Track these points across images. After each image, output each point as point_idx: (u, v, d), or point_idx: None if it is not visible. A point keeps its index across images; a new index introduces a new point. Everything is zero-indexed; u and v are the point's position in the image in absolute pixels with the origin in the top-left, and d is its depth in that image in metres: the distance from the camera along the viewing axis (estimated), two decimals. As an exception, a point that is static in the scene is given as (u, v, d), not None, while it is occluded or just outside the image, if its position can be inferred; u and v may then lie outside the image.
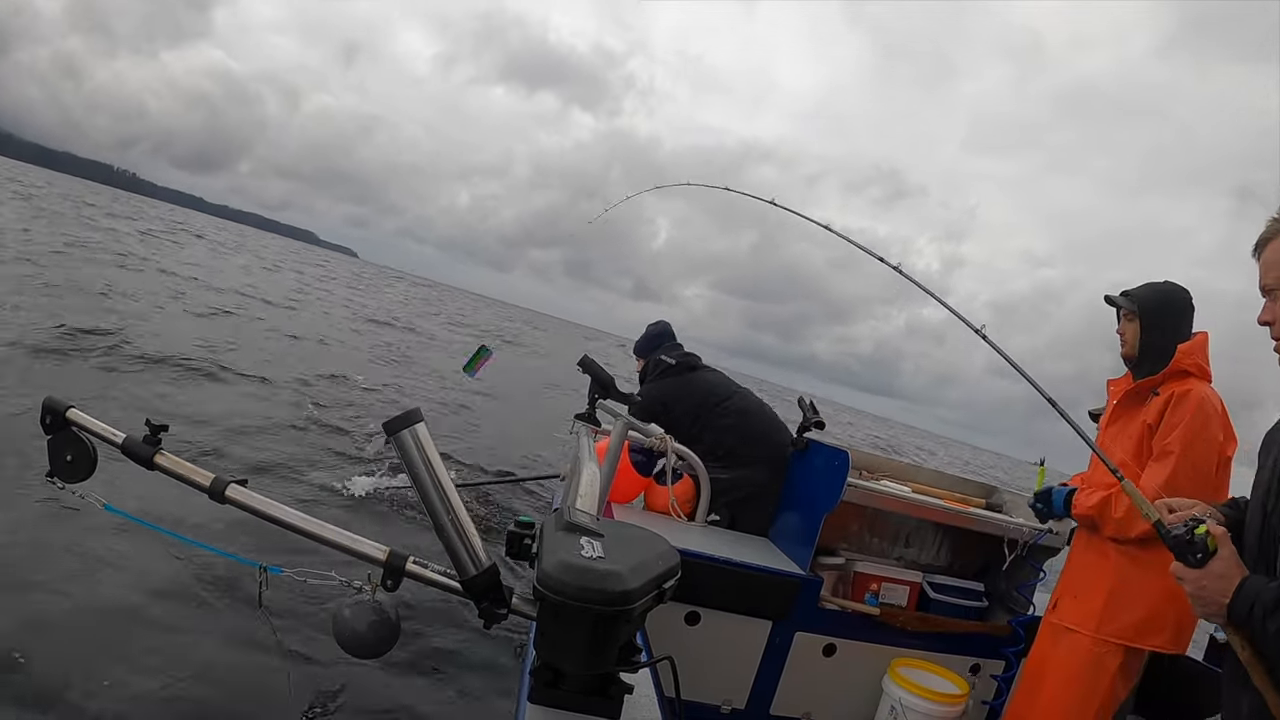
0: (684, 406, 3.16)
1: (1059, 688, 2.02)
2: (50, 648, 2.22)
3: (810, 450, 2.60)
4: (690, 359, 3.35)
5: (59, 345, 5.79)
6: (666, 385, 3.25)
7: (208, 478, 1.16)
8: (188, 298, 10.98)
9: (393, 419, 1.08)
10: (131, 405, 4.83)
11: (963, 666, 2.48)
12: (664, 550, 1.10)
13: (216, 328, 9.14)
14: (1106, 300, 2.08)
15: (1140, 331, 2.00)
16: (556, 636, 0.99)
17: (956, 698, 2.23)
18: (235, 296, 13.04)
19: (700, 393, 3.19)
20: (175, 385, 5.78)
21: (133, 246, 17.15)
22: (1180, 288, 2.02)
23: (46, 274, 9.03)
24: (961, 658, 2.50)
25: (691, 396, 3.19)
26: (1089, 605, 1.99)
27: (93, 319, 6.87)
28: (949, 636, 2.48)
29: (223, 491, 1.15)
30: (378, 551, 1.13)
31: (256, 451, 4.67)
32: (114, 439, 1.19)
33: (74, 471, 1.21)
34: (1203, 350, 1.98)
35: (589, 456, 1.90)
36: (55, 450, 1.20)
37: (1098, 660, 1.96)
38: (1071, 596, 2.06)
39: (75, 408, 1.21)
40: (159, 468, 1.17)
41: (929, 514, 2.57)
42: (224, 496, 1.15)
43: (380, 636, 1.11)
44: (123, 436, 1.19)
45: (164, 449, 1.18)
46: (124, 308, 8.34)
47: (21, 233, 12.96)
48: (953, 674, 2.34)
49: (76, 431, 1.20)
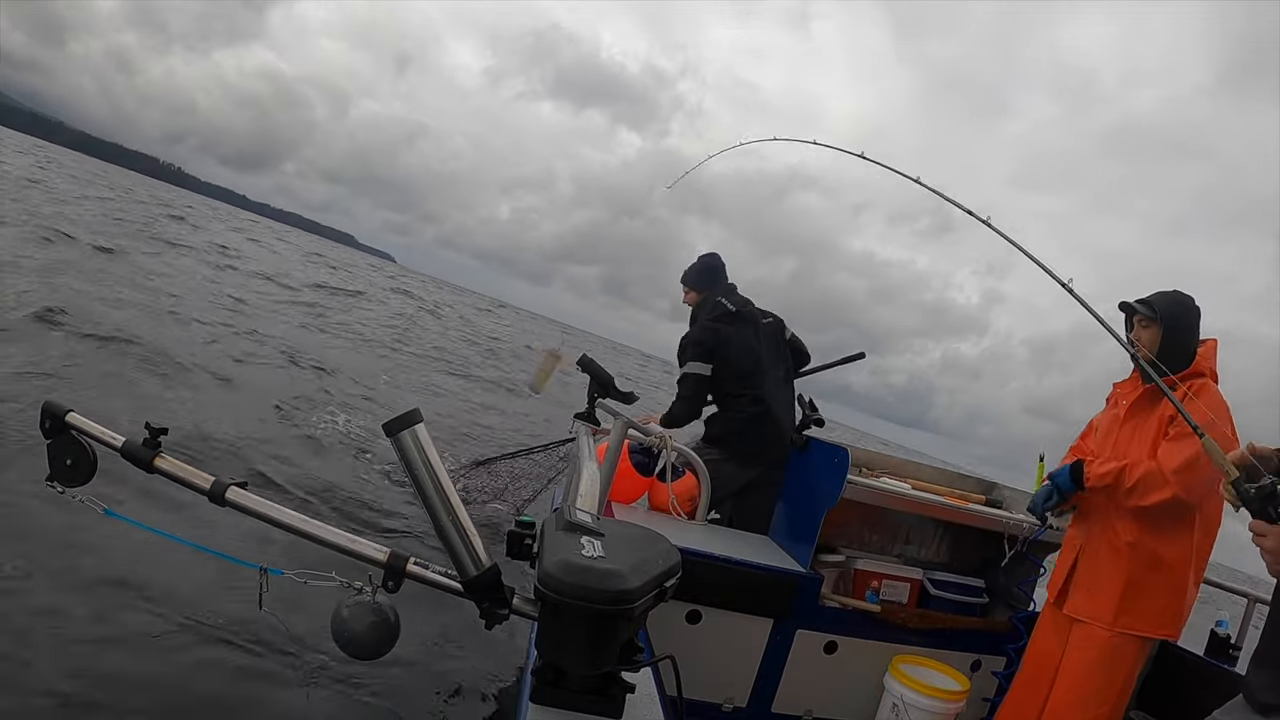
0: (733, 368, 3.15)
1: (1076, 680, 2.04)
2: (49, 649, 2.22)
3: (810, 447, 2.60)
4: (751, 311, 3.27)
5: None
6: (731, 334, 3.18)
7: (208, 480, 1.16)
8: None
9: (392, 420, 1.08)
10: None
11: (963, 663, 2.49)
12: (665, 549, 1.10)
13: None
14: (1122, 306, 2.13)
15: (1161, 336, 2.05)
16: (558, 636, 0.99)
17: (958, 694, 2.24)
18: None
19: (749, 360, 3.16)
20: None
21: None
22: (1188, 295, 2.09)
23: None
24: (962, 654, 2.50)
25: (743, 359, 3.16)
26: (1104, 598, 2.02)
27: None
28: (950, 633, 2.48)
29: (223, 494, 1.15)
30: (378, 552, 1.13)
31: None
32: (113, 442, 1.19)
33: (74, 476, 1.21)
34: (1215, 355, 2.07)
35: (589, 456, 1.90)
36: (55, 454, 1.20)
37: (1115, 652, 2.00)
38: (1084, 590, 2.09)
39: (75, 411, 1.21)
40: (159, 471, 1.17)
41: (929, 510, 2.58)
42: (224, 499, 1.15)
43: (380, 637, 1.11)
44: (122, 440, 1.19)
45: (163, 452, 1.18)
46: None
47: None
48: (954, 670, 2.34)
49: (76, 435, 1.20)
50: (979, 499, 2.79)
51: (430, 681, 2.63)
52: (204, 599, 2.66)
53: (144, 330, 6.40)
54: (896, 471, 2.81)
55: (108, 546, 2.83)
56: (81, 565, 2.70)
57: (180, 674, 2.29)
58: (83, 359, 5.08)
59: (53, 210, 13.26)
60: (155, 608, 2.58)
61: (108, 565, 2.74)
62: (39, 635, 2.27)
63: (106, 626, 2.41)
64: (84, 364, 4.99)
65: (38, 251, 8.57)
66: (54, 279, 7.19)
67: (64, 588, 2.55)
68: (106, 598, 2.57)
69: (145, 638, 2.41)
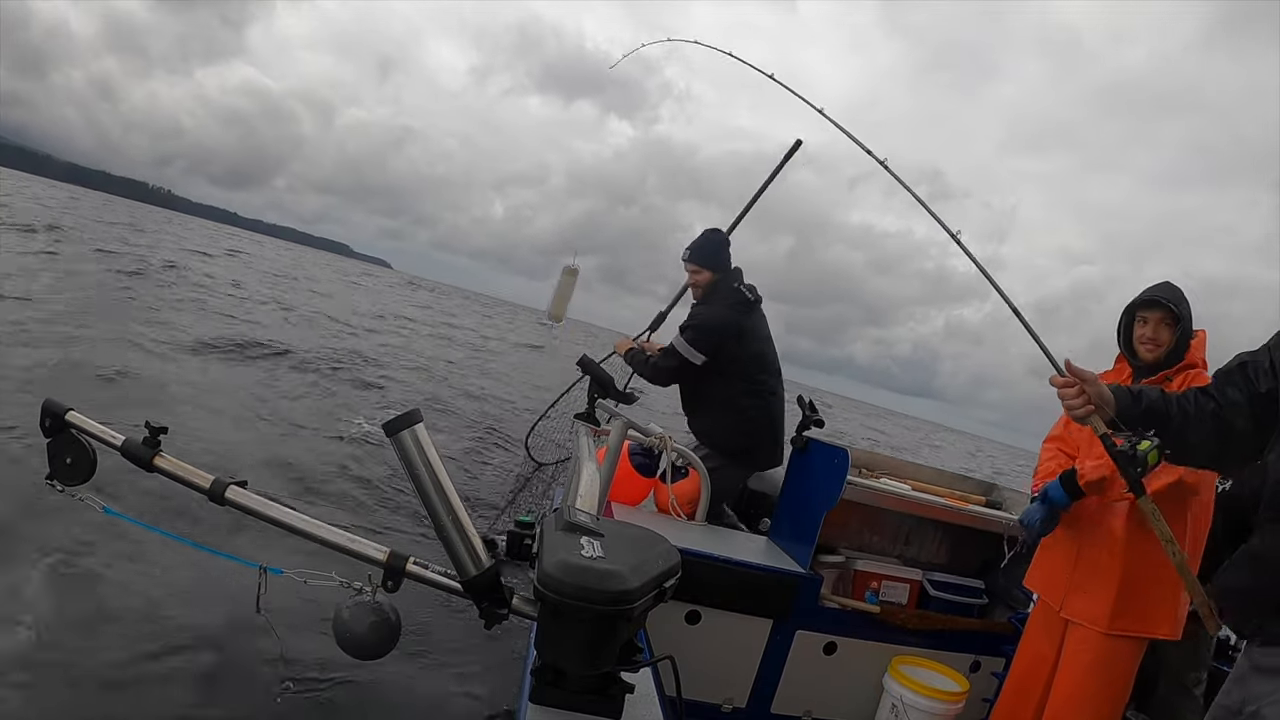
0: (751, 362, 3.00)
1: (1074, 683, 2.03)
2: (47, 651, 2.22)
3: (810, 449, 2.60)
4: (758, 298, 3.07)
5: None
6: (749, 322, 3.00)
7: (207, 479, 1.16)
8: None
9: (392, 420, 1.08)
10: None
11: (963, 664, 2.49)
12: (664, 549, 1.11)
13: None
14: (1149, 304, 2.04)
15: (1176, 337, 2.02)
16: (557, 636, 0.99)
17: (957, 695, 2.24)
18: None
19: (758, 356, 3.02)
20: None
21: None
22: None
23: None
24: (962, 655, 2.50)
25: (763, 351, 3.01)
26: (1101, 599, 2.00)
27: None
28: (949, 634, 2.48)
29: (222, 493, 1.15)
30: (378, 552, 1.13)
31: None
32: (113, 441, 1.19)
33: (73, 474, 1.21)
34: (1205, 346, 2.06)
35: (589, 456, 1.90)
36: (54, 453, 1.21)
37: (1114, 652, 1.99)
38: (1081, 592, 2.06)
39: (75, 410, 1.21)
40: (158, 470, 1.17)
41: (929, 511, 2.57)
42: (224, 498, 1.15)
43: (380, 637, 1.11)
44: (122, 439, 1.19)
45: (163, 451, 1.18)
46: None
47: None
48: (953, 671, 2.34)
49: (76, 434, 1.20)
50: (978, 500, 2.79)
51: (430, 681, 2.63)
52: (203, 598, 2.66)
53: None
54: (896, 472, 2.81)
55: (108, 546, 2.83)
56: (82, 565, 2.71)
57: (180, 674, 2.28)
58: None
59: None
60: (155, 607, 2.58)
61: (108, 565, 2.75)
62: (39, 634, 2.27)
63: (106, 626, 2.41)
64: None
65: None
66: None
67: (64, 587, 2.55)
68: (107, 597, 2.57)
69: (145, 638, 2.41)
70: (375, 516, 4.12)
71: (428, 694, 2.57)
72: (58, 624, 2.35)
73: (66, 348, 5.76)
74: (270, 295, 15.27)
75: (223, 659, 2.40)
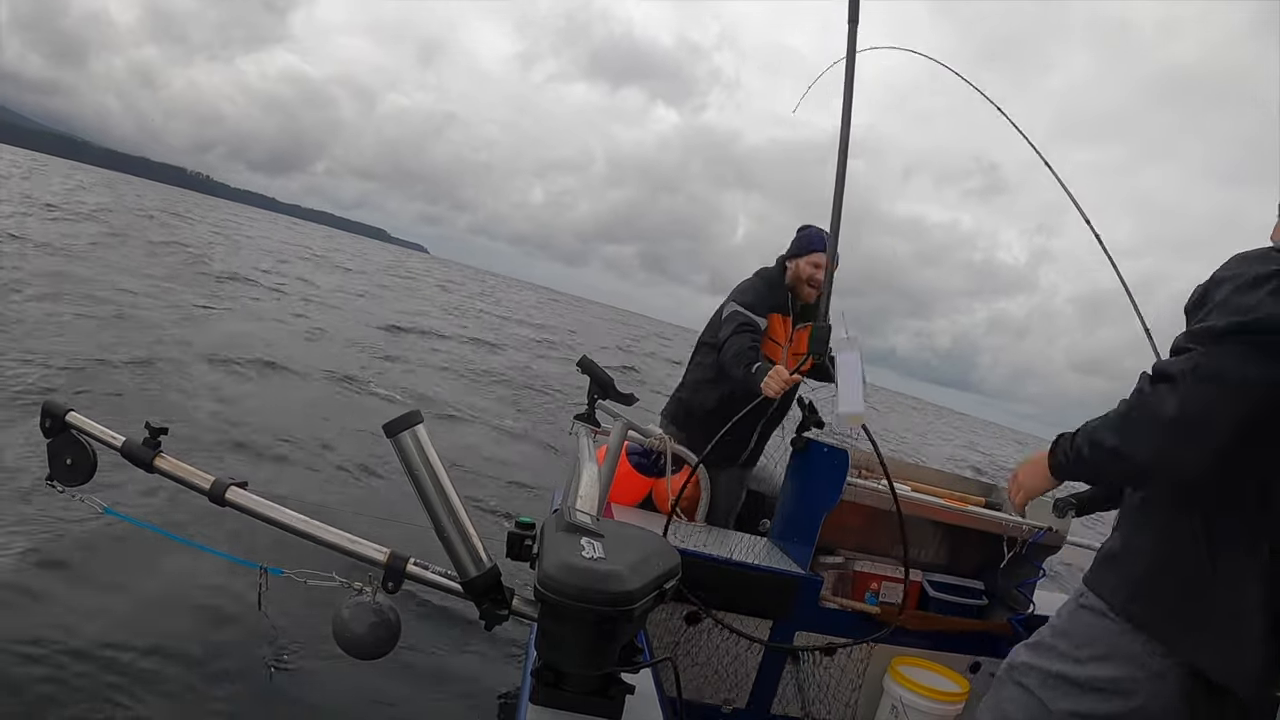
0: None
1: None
2: (46, 651, 2.21)
3: (810, 449, 2.60)
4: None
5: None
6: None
7: (207, 480, 1.16)
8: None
9: (392, 420, 1.08)
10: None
11: (963, 665, 2.49)
12: (664, 550, 1.10)
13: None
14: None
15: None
16: (557, 637, 0.99)
17: (957, 696, 2.24)
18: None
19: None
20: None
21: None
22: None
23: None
24: (962, 656, 2.50)
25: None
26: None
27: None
28: (949, 635, 2.48)
29: (223, 494, 1.15)
30: (378, 553, 1.13)
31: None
32: (113, 442, 1.19)
33: (73, 475, 1.21)
34: None
35: (589, 457, 1.90)
36: (55, 454, 1.20)
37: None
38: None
39: (75, 410, 1.21)
40: (159, 470, 1.17)
41: (928, 512, 2.57)
42: (224, 499, 1.15)
43: (380, 638, 1.11)
44: (122, 440, 1.18)
45: (164, 451, 1.18)
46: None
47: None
48: (953, 672, 2.34)
49: (76, 434, 1.20)
50: (978, 501, 2.79)
51: (430, 682, 2.63)
52: (203, 598, 2.66)
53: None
54: (897, 474, 2.81)
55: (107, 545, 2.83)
56: (81, 564, 2.70)
57: (179, 674, 2.28)
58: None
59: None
60: (154, 607, 2.58)
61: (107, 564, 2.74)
62: (38, 635, 2.27)
63: (105, 626, 2.41)
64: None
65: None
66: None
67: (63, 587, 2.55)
68: (106, 597, 2.57)
69: (144, 637, 2.41)
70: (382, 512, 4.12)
71: (427, 695, 2.57)
72: (58, 624, 2.35)
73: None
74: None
75: (223, 659, 2.40)
